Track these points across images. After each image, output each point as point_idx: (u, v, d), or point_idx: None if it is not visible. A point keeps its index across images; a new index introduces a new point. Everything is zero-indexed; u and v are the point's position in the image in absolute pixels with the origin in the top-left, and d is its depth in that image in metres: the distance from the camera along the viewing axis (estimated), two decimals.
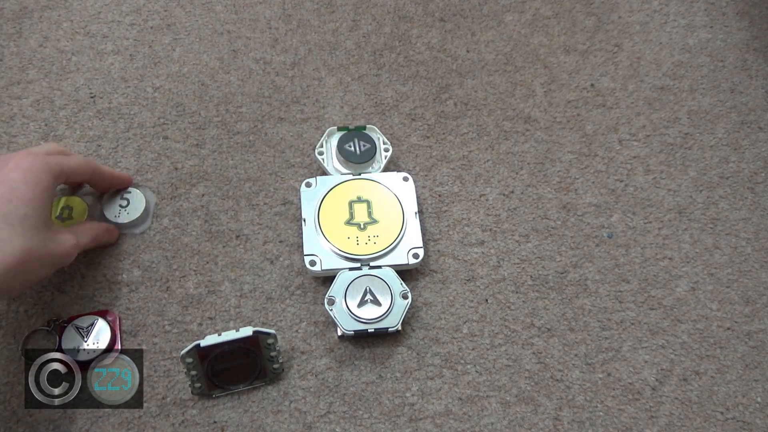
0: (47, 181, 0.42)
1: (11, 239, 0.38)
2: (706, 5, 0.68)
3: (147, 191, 0.53)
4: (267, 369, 0.46)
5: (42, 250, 0.40)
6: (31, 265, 0.39)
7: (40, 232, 0.40)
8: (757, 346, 0.51)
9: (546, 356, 0.49)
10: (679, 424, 0.47)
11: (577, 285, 0.52)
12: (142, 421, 0.45)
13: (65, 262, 0.43)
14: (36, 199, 0.40)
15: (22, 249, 0.38)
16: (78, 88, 0.58)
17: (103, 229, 0.50)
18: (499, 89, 0.61)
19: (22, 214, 0.39)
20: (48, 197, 0.42)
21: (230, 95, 0.59)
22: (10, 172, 0.40)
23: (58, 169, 0.43)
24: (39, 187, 0.41)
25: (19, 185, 0.40)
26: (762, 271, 0.54)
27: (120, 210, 0.52)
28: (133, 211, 0.52)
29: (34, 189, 0.40)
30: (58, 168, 0.43)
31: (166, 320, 0.49)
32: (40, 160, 0.42)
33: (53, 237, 0.42)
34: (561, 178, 0.57)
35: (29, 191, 0.40)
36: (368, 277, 0.48)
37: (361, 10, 0.65)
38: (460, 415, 0.47)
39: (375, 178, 0.53)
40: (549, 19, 0.66)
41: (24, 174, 0.40)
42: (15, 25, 0.61)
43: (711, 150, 0.59)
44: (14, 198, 0.39)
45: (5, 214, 0.38)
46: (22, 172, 0.40)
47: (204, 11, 0.64)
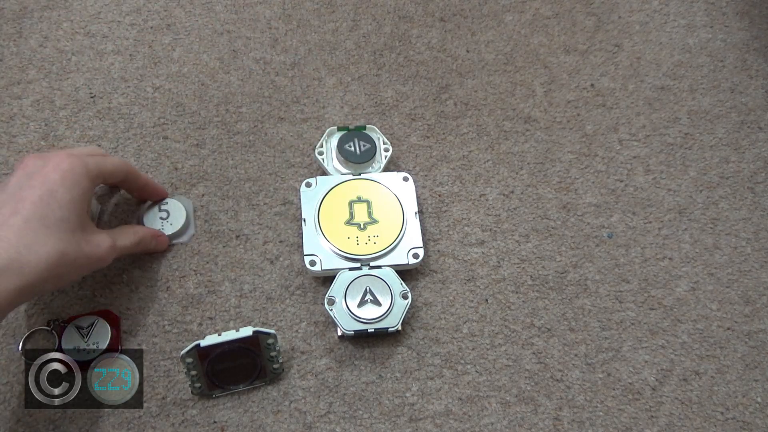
0: (85, 183, 0.41)
1: (46, 242, 0.38)
2: (706, 5, 0.68)
3: (183, 199, 0.53)
4: (267, 369, 0.46)
5: (76, 253, 0.40)
6: (65, 267, 0.39)
7: (75, 235, 0.40)
8: (757, 346, 0.51)
9: (546, 356, 0.49)
10: (679, 424, 0.47)
11: (577, 285, 0.52)
12: (142, 421, 0.45)
13: (100, 265, 0.43)
14: (73, 202, 0.40)
15: (56, 252, 0.38)
16: (78, 88, 0.58)
17: (150, 235, 0.49)
18: (499, 89, 0.61)
19: (58, 216, 0.39)
20: (85, 199, 0.42)
21: (230, 95, 0.59)
22: (50, 172, 0.40)
23: (97, 170, 0.43)
24: (77, 189, 0.41)
25: (57, 187, 0.40)
26: (762, 271, 0.54)
27: (162, 222, 0.51)
28: (175, 221, 0.51)
29: (72, 191, 0.40)
30: (96, 170, 0.43)
31: (166, 320, 0.49)
32: (79, 161, 0.41)
33: (89, 239, 0.41)
34: (561, 178, 0.57)
35: (67, 193, 0.40)
36: (368, 277, 0.48)
37: (361, 10, 0.65)
38: (460, 415, 0.47)
39: (375, 178, 0.53)
40: (549, 19, 0.66)
41: (62, 175, 0.40)
42: (15, 25, 0.61)
43: (711, 150, 0.59)
44: (52, 200, 0.39)
45: (42, 216, 0.38)
46: (60, 173, 0.40)
47: (204, 11, 0.64)
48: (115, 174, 0.46)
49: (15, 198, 0.39)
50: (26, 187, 0.39)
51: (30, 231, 0.37)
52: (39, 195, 0.39)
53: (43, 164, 0.41)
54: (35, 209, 0.38)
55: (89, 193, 0.42)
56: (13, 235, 0.37)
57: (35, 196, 0.39)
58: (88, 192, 0.42)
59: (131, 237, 0.47)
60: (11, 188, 0.40)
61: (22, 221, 0.37)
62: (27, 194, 0.39)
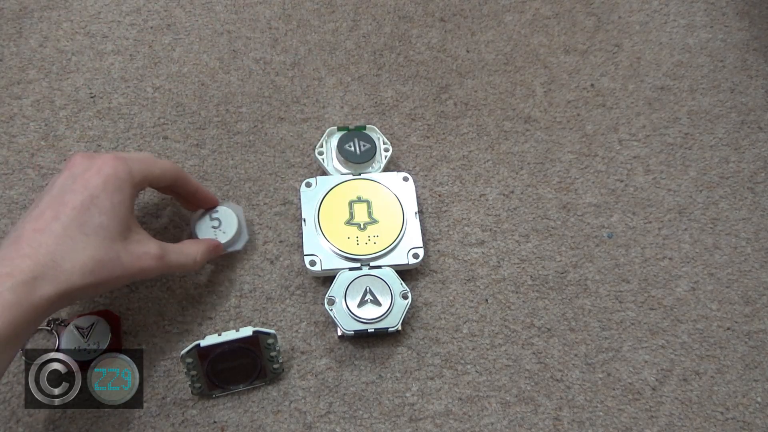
0: (128, 189, 0.40)
1: (83, 249, 0.37)
2: (706, 5, 0.68)
3: (233, 205, 0.51)
4: (267, 369, 0.46)
5: (114, 263, 0.38)
6: (101, 276, 0.38)
7: (115, 244, 0.39)
8: (757, 346, 0.51)
9: (546, 356, 0.49)
10: (679, 424, 0.47)
11: (577, 285, 0.52)
12: (142, 421, 0.45)
13: (142, 277, 0.41)
14: (114, 208, 0.39)
15: (92, 260, 0.37)
16: (78, 88, 0.58)
17: (212, 248, 0.48)
18: (499, 89, 0.61)
19: (97, 223, 0.38)
20: (128, 205, 0.40)
21: (230, 95, 0.59)
22: (92, 177, 0.39)
23: (141, 176, 0.41)
24: (118, 195, 0.39)
25: (99, 192, 0.38)
26: (762, 271, 0.54)
27: (214, 231, 0.49)
28: (228, 229, 0.49)
29: (113, 197, 0.39)
30: (140, 175, 0.41)
31: (166, 320, 0.49)
32: (124, 165, 0.40)
33: (130, 249, 0.40)
34: (561, 178, 0.57)
35: (108, 200, 0.39)
36: (368, 277, 0.48)
37: (361, 10, 0.65)
38: (460, 415, 0.47)
39: (375, 178, 0.53)
40: (549, 19, 0.66)
41: (105, 180, 0.39)
42: (15, 25, 0.61)
43: (711, 150, 0.59)
44: (92, 206, 0.38)
45: (81, 223, 0.37)
46: (103, 177, 0.39)
47: (204, 11, 0.64)
48: (163, 178, 0.44)
49: (58, 201, 0.38)
50: (69, 191, 0.38)
51: (68, 238, 0.37)
52: (80, 200, 0.38)
53: (87, 167, 0.39)
54: (75, 215, 0.37)
55: (132, 199, 0.41)
56: (52, 242, 0.36)
57: (77, 201, 0.38)
58: (132, 198, 0.41)
59: (191, 255, 0.45)
60: (56, 190, 0.39)
61: (61, 227, 0.37)
62: (69, 198, 0.38)
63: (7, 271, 0.34)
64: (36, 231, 0.37)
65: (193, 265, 0.45)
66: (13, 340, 0.34)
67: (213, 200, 0.50)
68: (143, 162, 0.42)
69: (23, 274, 0.34)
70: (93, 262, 0.37)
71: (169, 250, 0.43)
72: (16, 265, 0.35)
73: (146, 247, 0.41)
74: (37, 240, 0.36)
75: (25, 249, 0.36)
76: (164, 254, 0.42)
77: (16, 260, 0.35)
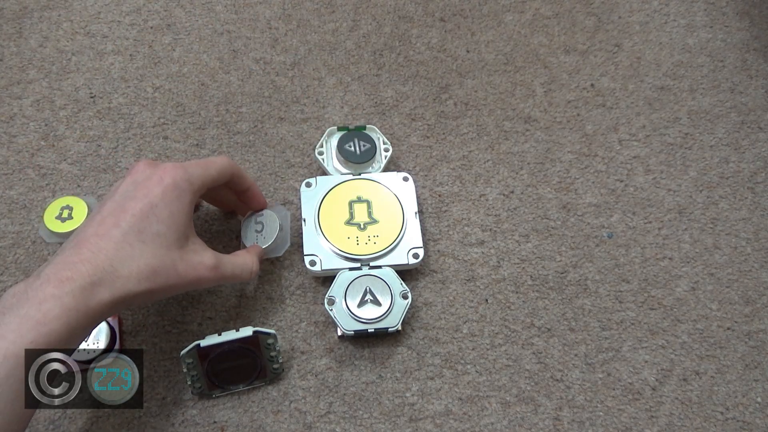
0: (187, 198, 0.41)
1: (141, 257, 0.37)
2: (706, 5, 0.68)
3: (279, 208, 0.51)
4: (267, 369, 0.46)
5: (168, 271, 0.39)
6: (156, 284, 0.38)
7: (171, 252, 0.39)
8: (757, 346, 0.51)
9: (546, 356, 0.49)
10: (679, 424, 0.47)
11: (577, 285, 0.52)
12: (142, 421, 0.45)
13: (197, 286, 0.42)
14: (172, 217, 0.39)
15: (148, 268, 0.38)
16: (78, 88, 0.58)
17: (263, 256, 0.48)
18: (499, 89, 0.61)
19: (155, 231, 0.38)
20: (186, 215, 0.41)
21: (230, 95, 0.59)
22: (153, 186, 0.40)
23: (200, 182, 0.42)
24: (176, 205, 0.40)
25: (158, 201, 0.39)
26: (762, 271, 0.54)
27: (257, 235, 0.49)
28: (269, 234, 0.49)
29: (171, 206, 0.39)
30: (199, 181, 0.42)
31: (166, 320, 0.49)
32: (184, 173, 0.41)
33: (186, 258, 0.40)
34: (561, 178, 0.57)
35: (166, 209, 0.39)
36: (368, 277, 0.48)
37: (361, 10, 0.65)
38: (460, 415, 0.47)
39: (375, 178, 0.53)
40: (549, 19, 0.66)
41: (164, 189, 0.39)
42: (15, 25, 0.61)
43: (711, 150, 0.59)
44: (151, 214, 0.39)
45: (140, 231, 0.38)
46: (163, 187, 0.39)
47: (204, 11, 0.64)
48: (221, 177, 0.44)
49: (119, 208, 0.39)
50: (130, 198, 0.39)
51: (127, 244, 0.37)
52: (140, 208, 0.38)
53: (149, 175, 0.40)
54: (135, 222, 0.38)
55: (190, 208, 0.41)
56: (111, 248, 0.37)
57: (137, 208, 0.38)
58: (191, 206, 0.41)
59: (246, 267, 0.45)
60: (119, 196, 0.39)
61: (121, 234, 0.37)
62: (130, 206, 0.39)
63: (68, 275, 0.35)
64: (97, 236, 0.37)
65: (249, 276, 0.45)
66: (67, 343, 0.35)
67: (263, 201, 0.50)
68: (201, 166, 0.43)
69: (83, 279, 0.35)
70: (149, 269, 0.38)
71: (224, 261, 0.43)
72: (77, 269, 0.35)
73: (202, 257, 0.41)
74: (97, 245, 0.37)
75: (86, 254, 0.36)
76: (219, 265, 0.42)
77: (77, 264, 0.36)
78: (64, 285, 0.34)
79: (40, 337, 0.33)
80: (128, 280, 0.37)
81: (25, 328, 0.33)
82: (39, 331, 0.33)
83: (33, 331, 0.33)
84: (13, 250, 0.51)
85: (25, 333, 0.33)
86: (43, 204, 0.52)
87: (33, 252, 0.51)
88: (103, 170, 0.55)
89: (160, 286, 0.38)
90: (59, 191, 0.53)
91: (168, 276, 0.39)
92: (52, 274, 0.35)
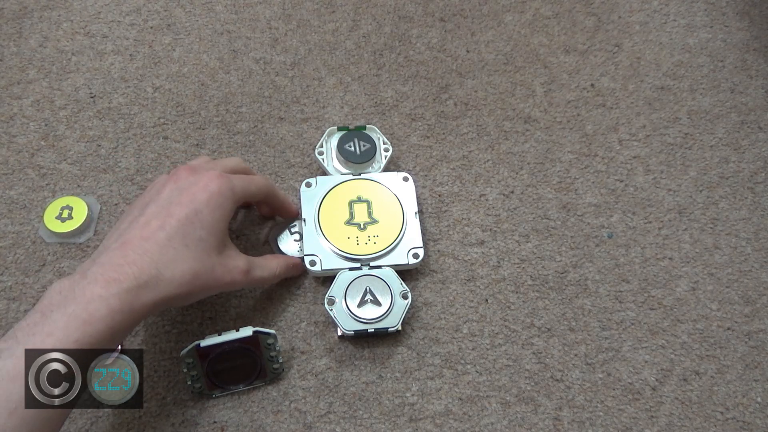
0: (228, 206, 0.42)
1: (184, 261, 0.39)
2: (706, 5, 0.68)
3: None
4: (267, 369, 0.46)
5: (208, 275, 0.40)
6: (196, 287, 0.40)
7: (211, 257, 0.41)
8: (757, 346, 0.51)
9: (546, 356, 0.49)
10: (679, 424, 0.47)
11: (577, 285, 0.52)
12: (142, 421, 0.45)
13: (229, 288, 0.44)
14: (215, 223, 0.41)
15: (190, 271, 0.39)
16: (78, 88, 0.58)
17: (291, 265, 0.49)
18: (499, 89, 0.61)
19: (198, 236, 0.40)
20: (226, 221, 0.42)
21: (230, 95, 0.59)
22: (198, 192, 0.41)
23: (242, 193, 0.44)
24: (220, 211, 0.41)
25: (203, 207, 0.40)
26: (762, 271, 0.54)
27: (297, 243, 0.51)
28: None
29: (214, 213, 0.41)
30: (241, 192, 0.43)
31: (166, 320, 0.49)
32: (227, 183, 0.42)
33: (223, 263, 0.42)
34: (561, 178, 0.57)
35: (210, 215, 0.41)
36: (368, 277, 0.48)
37: (361, 10, 0.65)
38: (460, 415, 0.47)
39: (375, 178, 0.53)
40: (549, 19, 0.66)
41: (209, 196, 0.41)
42: (15, 25, 0.61)
43: (711, 150, 0.59)
44: (196, 220, 0.40)
45: (185, 235, 0.39)
46: (208, 194, 0.41)
47: (204, 11, 0.64)
48: (258, 195, 0.46)
49: (165, 212, 0.40)
50: (176, 203, 0.40)
51: (171, 248, 0.38)
52: (185, 213, 0.40)
53: (194, 182, 0.42)
54: (180, 227, 0.39)
55: (231, 215, 0.43)
56: (156, 251, 0.38)
57: (182, 213, 0.40)
58: (230, 213, 0.43)
59: (272, 270, 0.46)
60: (163, 201, 0.41)
61: (165, 238, 0.39)
62: (175, 210, 0.40)
63: (115, 277, 0.36)
64: (143, 239, 0.38)
65: (272, 279, 0.47)
66: (109, 343, 0.36)
67: (295, 211, 0.52)
68: (243, 180, 0.44)
69: (129, 282, 0.36)
70: (191, 273, 0.39)
71: (255, 265, 0.45)
72: (123, 272, 0.36)
73: (236, 261, 0.43)
74: (143, 247, 0.38)
75: (132, 256, 0.37)
76: (250, 269, 0.44)
77: (123, 267, 0.37)
78: (111, 286, 0.35)
79: (85, 337, 0.34)
80: (171, 283, 0.38)
81: (72, 327, 0.34)
82: (85, 330, 0.34)
83: (79, 330, 0.34)
84: (13, 250, 0.51)
85: (72, 332, 0.34)
86: (43, 204, 0.52)
87: (33, 252, 0.51)
88: (103, 170, 0.55)
89: (199, 289, 0.40)
90: (59, 191, 0.53)
91: (206, 279, 0.40)
92: (99, 275, 0.36)
